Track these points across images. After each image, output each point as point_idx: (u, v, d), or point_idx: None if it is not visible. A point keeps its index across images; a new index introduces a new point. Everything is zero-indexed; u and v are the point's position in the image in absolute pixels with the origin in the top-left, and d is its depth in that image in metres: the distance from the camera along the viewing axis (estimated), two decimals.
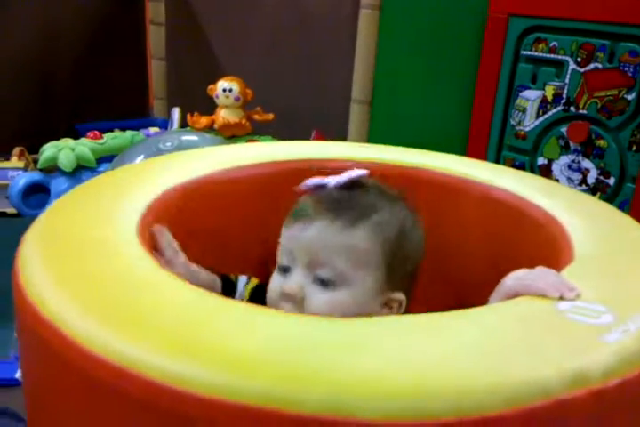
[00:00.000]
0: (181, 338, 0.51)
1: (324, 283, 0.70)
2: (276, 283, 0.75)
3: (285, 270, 0.74)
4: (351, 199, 0.74)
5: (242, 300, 0.83)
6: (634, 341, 0.52)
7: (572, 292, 0.59)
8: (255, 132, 2.26)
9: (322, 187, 0.76)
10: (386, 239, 0.73)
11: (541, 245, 0.79)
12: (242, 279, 0.87)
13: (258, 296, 0.82)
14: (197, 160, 0.96)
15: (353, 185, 0.75)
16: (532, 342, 0.52)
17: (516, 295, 0.61)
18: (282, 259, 0.75)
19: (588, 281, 0.62)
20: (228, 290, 0.84)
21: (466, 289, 0.90)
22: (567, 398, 0.46)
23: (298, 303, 0.71)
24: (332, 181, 0.76)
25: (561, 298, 0.58)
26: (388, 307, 0.75)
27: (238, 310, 0.56)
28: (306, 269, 0.72)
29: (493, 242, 0.91)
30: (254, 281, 0.87)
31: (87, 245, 0.65)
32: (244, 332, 0.52)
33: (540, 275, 0.63)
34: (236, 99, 2.18)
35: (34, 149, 2.35)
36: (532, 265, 0.67)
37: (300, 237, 0.73)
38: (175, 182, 0.85)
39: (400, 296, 0.75)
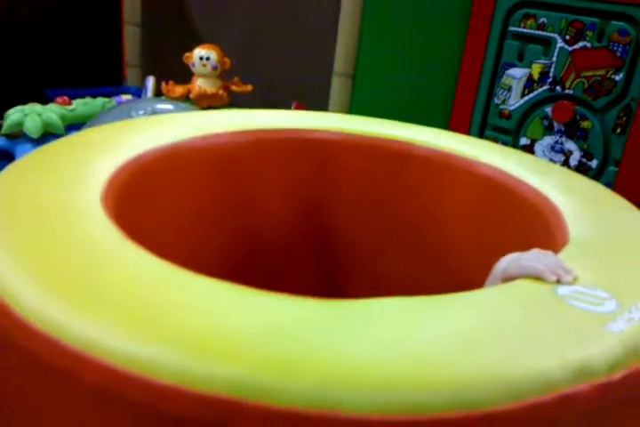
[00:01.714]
0: (148, 319, 0.46)
1: None
2: None
3: None
4: None
5: None
6: (639, 330, 0.49)
7: (568, 275, 0.56)
8: (232, 103, 2.19)
9: None
10: None
11: (533, 224, 0.76)
12: None
13: None
14: (169, 126, 0.90)
15: None
16: (533, 331, 0.48)
17: (511, 278, 0.57)
18: None
19: (586, 264, 0.59)
20: None
21: (456, 267, 0.87)
22: (572, 392, 0.43)
23: None
24: None
25: (558, 281, 0.55)
26: None
27: (214, 287, 0.51)
28: None
29: (481, 219, 0.87)
30: None
31: (45, 213, 0.59)
32: (219, 313, 0.47)
33: (535, 257, 0.59)
34: (214, 67, 2.11)
35: None
36: (523, 245, 0.64)
37: None
38: (144, 148, 0.79)
39: None
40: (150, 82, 2.46)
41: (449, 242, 0.91)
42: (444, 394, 0.41)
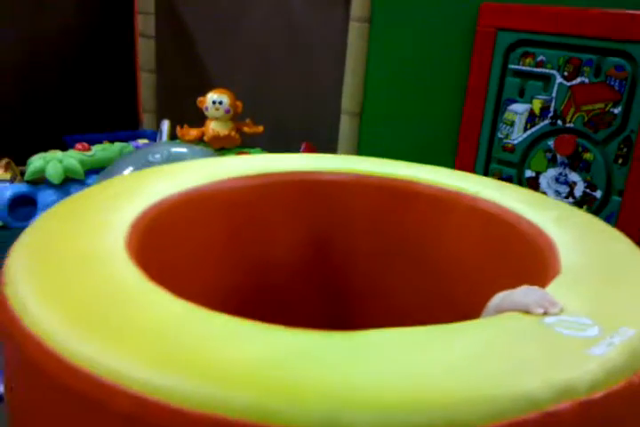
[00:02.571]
0: (168, 351, 0.51)
1: None
2: None
3: None
4: None
5: None
6: (619, 353, 0.53)
7: (554, 307, 0.60)
8: (245, 144, 2.26)
9: None
10: None
11: (529, 256, 0.80)
12: None
13: None
14: (187, 172, 0.96)
15: None
16: (520, 356, 0.52)
17: (503, 312, 0.62)
18: None
19: (574, 294, 0.63)
20: None
21: (461, 295, 0.91)
22: (555, 411, 0.47)
23: None
24: None
25: (545, 314, 0.59)
26: None
27: (226, 323, 0.56)
28: None
29: (483, 252, 0.91)
30: None
31: (74, 258, 0.65)
32: (232, 345, 0.52)
33: (524, 292, 0.63)
34: (226, 111, 2.19)
35: (21, 160, 2.34)
36: (519, 277, 0.68)
37: None
38: (164, 195, 0.85)
39: None
40: (165, 125, 2.55)
41: (454, 273, 0.95)
42: (438, 414, 0.45)
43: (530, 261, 0.79)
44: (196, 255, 0.91)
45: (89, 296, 0.58)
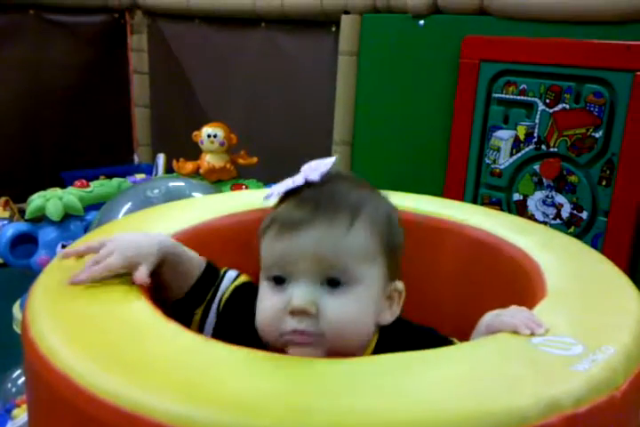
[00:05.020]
0: (186, 382, 0.55)
1: (336, 285, 0.69)
2: (275, 301, 0.69)
3: (281, 284, 0.70)
4: (334, 197, 0.73)
5: (221, 297, 0.82)
6: (601, 370, 0.57)
7: (540, 328, 0.64)
8: (240, 176, 2.31)
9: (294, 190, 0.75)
10: (380, 231, 0.73)
11: (516, 279, 0.85)
12: (230, 274, 0.85)
13: (240, 295, 0.82)
14: (189, 210, 1.01)
15: (325, 179, 0.76)
16: (509, 375, 0.56)
17: (493, 332, 0.66)
18: (273, 272, 0.71)
19: (559, 315, 0.67)
20: (209, 281, 0.82)
21: (452, 317, 0.95)
22: (543, 425, 0.51)
23: (312, 317, 0.67)
24: (301, 179, 0.75)
25: (532, 334, 0.63)
26: (390, 299, 0.76)
27: (237, 354, 0.60)
28: (312, 278, 0.68)
29: (472, 276, 0.96)
30: (242, 279, 0.85)
31: (91, 298, 0.69)
32: (244, 375, 0.56)
33: (512, 313, 0.68)
34: (221, 144, 2.24)
35: (19, 198, 2.38)
36: (507, 300, 0.72)
37: (300, 247, 0.69)
38: (170, 232, 0.89)
39: (400, 285, 0.77)
40: (161, 159, 2.60)
41: (445, 296, 1.00)
42: None
43: (517, 283, 0.84)
44: None
45: (109, 335, 0.62)
